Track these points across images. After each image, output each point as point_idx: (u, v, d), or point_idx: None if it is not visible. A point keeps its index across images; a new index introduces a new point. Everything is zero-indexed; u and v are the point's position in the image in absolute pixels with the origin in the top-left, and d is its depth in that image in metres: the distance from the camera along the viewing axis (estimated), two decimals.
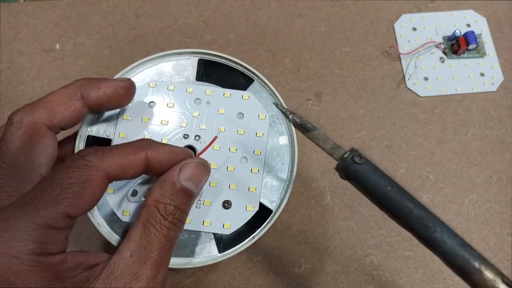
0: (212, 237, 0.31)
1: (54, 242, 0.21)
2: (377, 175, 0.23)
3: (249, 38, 0.46)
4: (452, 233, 0.22)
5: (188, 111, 0.33)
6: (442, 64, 0.45)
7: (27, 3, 0.48)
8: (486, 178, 0.41)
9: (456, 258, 0.22)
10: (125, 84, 0.28)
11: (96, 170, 0.22)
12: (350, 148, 0.24)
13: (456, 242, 0.22)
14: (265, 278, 0.38)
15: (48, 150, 0.25)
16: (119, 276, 0.21)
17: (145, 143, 0.25)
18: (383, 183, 0.23)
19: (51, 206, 0.20)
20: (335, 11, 0.48)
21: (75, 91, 0.26)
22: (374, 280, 0.38)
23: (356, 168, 0.23)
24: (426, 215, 0.22)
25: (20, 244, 0.19)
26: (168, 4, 0.48)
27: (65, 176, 0.21)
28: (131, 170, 0.24)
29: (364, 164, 0.23)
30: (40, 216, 0.20)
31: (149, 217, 0.24)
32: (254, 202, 0.31)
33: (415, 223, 0.23)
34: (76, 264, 0.21)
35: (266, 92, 0.34)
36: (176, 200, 0.24)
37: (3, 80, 0.44)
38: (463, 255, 0.21)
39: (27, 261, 0.20)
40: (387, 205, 0.23)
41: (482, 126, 0.43)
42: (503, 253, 0.39)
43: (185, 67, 0.34)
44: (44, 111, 0.25)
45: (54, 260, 0.21)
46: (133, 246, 0.22)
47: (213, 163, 0.32)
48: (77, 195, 0.21)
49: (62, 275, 0.21)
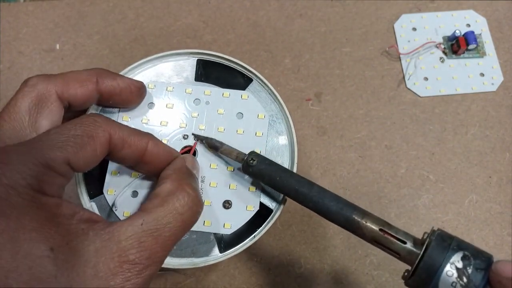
0: (213, 237, 0.31)
1: (51, 184, 0.21)
2: (268, 170, 0.28)
3: (249, 38, 0.46)
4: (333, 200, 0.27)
5: (187, 111, 0.33)
6: (442, 64, 0.45)
7: (27, 3, 0.48)
8: (486, 178, 0.41)
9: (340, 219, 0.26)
10: (139, 84, 0.30)
11: (102, 130, 0.23)
12: (249, 152, 0.29)
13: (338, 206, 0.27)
14: (265, 278, 0.38)
15: (52, 118, 0.26)
16: (124, 239, 0.21)
17: (150, 134, 0.27)
18: (273, 175, 0.28)
19: (54, 149, 0.21)
20: (335, 11, 0.48)
21: (92, 74, 0.27)
22: (374, 280, 0.38)
23: (252, 169, 0.29)
24: (309, 191, 0.27)
25: (19, 176, 0.19)
26: (168, 4, 0.48)
27: (73, 128, 0.22)
28: (129, 149, 0.25)
29: (257, 164, 0.29)
30: (42, 154, 0.20)
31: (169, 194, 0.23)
32: (255, 202, 0.31)
33: (303, 200, 0.28)
34: (71, 213, 0.21)
35: (265, 92, 0.34)
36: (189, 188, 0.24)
37: (3, 80, 0.44)
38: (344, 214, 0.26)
39: (24, 194, 0.19)
40: (281, 191, 0.29)
41: (482, 126, 0.43)
42: (503, 253, 0.39)
43: (183, 67, 0.34)
44: (59, 82, 0.26)
45: (50, 201, 0.20)
46: (147, 216, 0.22)
47: (213, 164, 0.32)
48: (80, 146, 0.22)
49: (57, 219, 0.20)
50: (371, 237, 0.26)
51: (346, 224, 0.26)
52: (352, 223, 0.26)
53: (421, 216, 0.40)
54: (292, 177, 0.28)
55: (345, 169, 0.41)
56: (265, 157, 0.29)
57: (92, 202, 0.30)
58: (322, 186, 0.28)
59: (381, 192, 0.41)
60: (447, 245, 0.24)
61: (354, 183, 0.41)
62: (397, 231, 0.25)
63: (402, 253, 0.25)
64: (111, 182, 0.31)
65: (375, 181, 0.41)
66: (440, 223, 0.40)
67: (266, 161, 0.29)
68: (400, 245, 0.25)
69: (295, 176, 0.28)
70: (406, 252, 0.25)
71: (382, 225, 0.26)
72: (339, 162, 0.42)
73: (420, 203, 0.40)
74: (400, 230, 0.25)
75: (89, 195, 0.31)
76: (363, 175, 0.41)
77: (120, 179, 0.31)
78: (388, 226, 0.26)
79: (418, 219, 0.40)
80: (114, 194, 0.30)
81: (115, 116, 0.32)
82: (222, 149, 0.30)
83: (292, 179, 0.28)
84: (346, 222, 0.26)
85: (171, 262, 0.30)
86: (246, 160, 0.29)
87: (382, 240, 0.25)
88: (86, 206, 0.30)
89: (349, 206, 0.27)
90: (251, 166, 0.29)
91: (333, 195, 0.27)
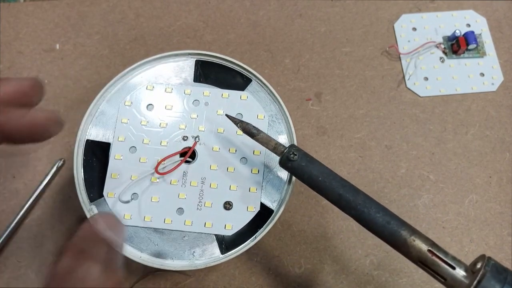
0: (214, 238, 0.31)
1: None
2: (310, 168, 0.26)
3: (249, 38, 0.46)
4: (380, 211, 0.25)
5: (186, 112, 0.33)
6: (442, 64, 0.45)
7: (27, 3, 0.48)
8: (486, 178, 0.41)
9: (384, 232, 0.25)
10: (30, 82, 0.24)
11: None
12: (289, 145, 0.27)
13: (384, 219, 0.25)
14: (265, 278, 0.38)
15: None
16: None
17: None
18: (315, 174, 0.26)
19: None
20: (335, 11, 0.48)
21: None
22: (374, 280, 0.38)
23: (292, 164, 0.27)
24: (355, 198, 0.25)
25: None
26: (168, 4, 0.48)
27: None
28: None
29: (298, 160, 0.26)
30: None
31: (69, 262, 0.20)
32: (255, 203, 0.31)
33: (345, 207, 0.26)
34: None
35: (265, 92, 0.34)
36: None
37: None
38: (391, 228, 0.24)
39: None
40: (321, 193, 0.27)
41: (482, 126, 0.43)
42: (503, 253, 0.39)
43: (182, 68, 0.34)
44: None
45: None
46: None
47: (213, 164, 0.32)
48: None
49: None
50: (417, 257, 0.24)
51: (391, 239, 0.25)
52: (399, 239, 0.24)
53: (421, 216, 0.40)
54: (336, 180, 0.26)
55: (345, 169, 0.41)
56: (306, 153, 0.27)
57: (93, 205, 0.30)
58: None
59: (381, 192, 0.41)
60: (502, 278, 0.22)
61: (354, 183, 0.40)
62: (446, 254, 0.24)
63: (449, 278, 0.23)
64: (111, 185, 0.31)
65: (375, 181, 0.41)
66: (440, 223, 0.40)
67: (308, 157, 0.27)
68: (448, 270, 0.23)
69: (339, 179, 0.26)
70: (455, 280, 0.23)
71: (431, 245, 0.24)
72: (339, 162, 0.42)
73: (420, 203, 0.40)
74: (448, 254, 0.24)
75: (90, 198, 0.31)
76: (363, 175, 0.41)
77: (120, 182, 0.31)
78: (437, 247, 0.24)
79: (418, 219, 0.40)
80: (114, 197, 0.30)
81: (113, 120, 0.32)
82: (258, 137, 0.28)
83: (336, 182, 0.26)
84: (392, 237, 0.25)
85: (172, 264, 0.30)
86: (286, 153, 0.27)
87: (429, 261, 0.24)
88: (87, 209, 0.30)
89: (398, 220, 0.25)
90: (292, 161, 0.27)
91: (380, 206, 0.25)
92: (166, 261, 0.30)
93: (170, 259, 0.30)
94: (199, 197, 0.31)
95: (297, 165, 0.27)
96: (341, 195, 0.26)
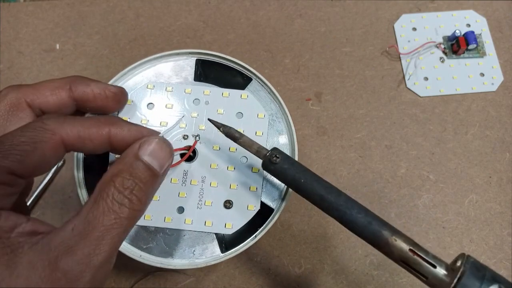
0: (214, 237, 0.31)
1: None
2: (292, 170, 0.27)
3: (249, 38, 0.46)
4: (362, 212, 0.25)
5: (187, 111, 0.33)
6: (442, 64, 0.45)
7: (27, 3, 0.48)
8: (486, 178, 0.41)
9: (366, 233, 0.25)
10: (115, 89, 0.29)
11: (51, 134, 0.22)
12: (272, 148, 0.28)
13: (366, 219, 0.25)
14: (265, 278, 0.38)
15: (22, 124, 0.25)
16: (53, 248, 0.19)
17: (111, 120, 0.26)
18: (298, 177, 0.26)
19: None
20: (335, 11, 0.48)
21: (65, 82, 0.27)
22: (374, 280, 0.38)
23: (275, 167, 0.27)
24: (336, 200, 0.26)
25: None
26: (168, 4, 0.48)
27: (18, 135, 0.22)
28: (91, 143, 0.24)
29: (280, 163, 0.27)
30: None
31: (101, 191, 0.22)
32: (256, 201, 0.31)
33: (327, 208, 0.26)
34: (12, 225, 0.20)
35: (265, 91, 0.34)
36: (136, 174, 0.23)
37: (3, 80, 0.44)
38: (373, 228, 0.25)
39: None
40: (303, 195, 0.27)
41: (482, 126, 0.43)
42: (503, 253, 0.39)
43: (183, 67, 0.34)
44: (30, 91, 0.26)
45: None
46: (77, 220, 0.21)
47: (214, 163, 0.32)
48: (25, 154, 0.21)
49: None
50: (399, 256, 0.24)
51: (373, 240, 0.25)
52: (380, 239, 0.25)
53: (421, 216, 0.40)
54: (318, 182, 0.27)
55: (345, 169, 0.41)
56: (289, 155, 0.28)
57: None
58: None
59: (381, 192, 0.41)
60: (481, 275, 0.22)
61: (354, 183, 0.41)
62: (426, 253, 0.24)
63: (430, 277, 0.24)
64: None
65: (375, 181, 0.41)
66: (440, 223, 0.40)
67: (290, 160, 0.27)
68: (429, 269, 0.24)
69: (321, 181, 0.27)
70: (436, 278, 0.23)
71: (412, 245, 0.24)
72: (339, 162, 0.42)
73: (420, 203, 0.40)
74: (429, 253, 0.24)
75: None
76: (363, 175, 0.41)
77: None
78: (418, 247, 0.24)
79: (418, 219, 0.40)
80: None
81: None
82: (241, 140, 0.28)
83: (318, 184, 0.26)
84: (374, 238, 0.25)
85: (173, 263, 0.30)
86: (269, 156, 0.27)
87: (410, 260, 0.24)
88: None
89: (379, 221, 0.25)
90: (274, 164, 0.27)
91: (362, 207, 0.26)
92: (166, 260, 0.30)
93: (170, 258, 0.30)
94: (200, 195, 0.31)
95: (279, 167, 0.27)
96: (323, 197, 0.26)
